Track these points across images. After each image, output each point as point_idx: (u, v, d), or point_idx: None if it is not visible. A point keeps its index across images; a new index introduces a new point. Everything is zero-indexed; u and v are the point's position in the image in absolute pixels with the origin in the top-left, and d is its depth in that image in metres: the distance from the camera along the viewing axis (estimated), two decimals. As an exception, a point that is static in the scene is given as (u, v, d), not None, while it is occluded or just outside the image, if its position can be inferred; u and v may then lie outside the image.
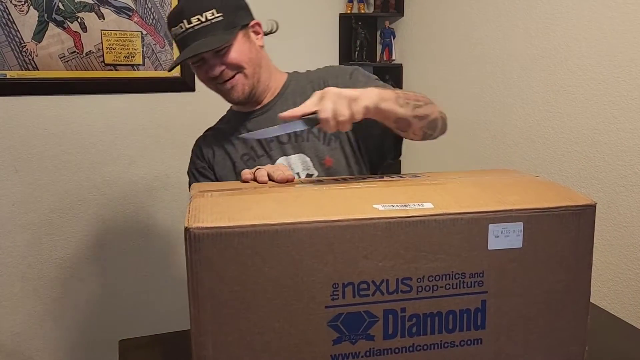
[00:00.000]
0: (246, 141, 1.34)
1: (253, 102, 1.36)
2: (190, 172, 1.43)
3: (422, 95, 1.14)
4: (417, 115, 1.07)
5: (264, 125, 1.31)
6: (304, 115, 0.94)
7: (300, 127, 0.96)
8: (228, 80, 1.27)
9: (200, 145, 1.42)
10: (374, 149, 1.33)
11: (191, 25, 1.22)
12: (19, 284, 2.26)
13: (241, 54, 1.26)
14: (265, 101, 1.36)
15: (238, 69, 1.27)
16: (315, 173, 1.29)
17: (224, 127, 1.42)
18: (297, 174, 1.29)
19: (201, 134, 1.42)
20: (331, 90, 0.94)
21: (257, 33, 1.34)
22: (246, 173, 0.98)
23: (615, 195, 1.67)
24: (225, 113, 1.48)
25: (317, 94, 0.95)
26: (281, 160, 1.30)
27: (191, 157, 1.43)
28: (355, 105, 0.93)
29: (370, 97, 0.97)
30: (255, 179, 0.96)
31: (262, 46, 1.34)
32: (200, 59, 1.26)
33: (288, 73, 1.42)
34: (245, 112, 1.38)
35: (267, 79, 1.35)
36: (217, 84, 1.28)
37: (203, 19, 1.22)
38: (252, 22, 1.32)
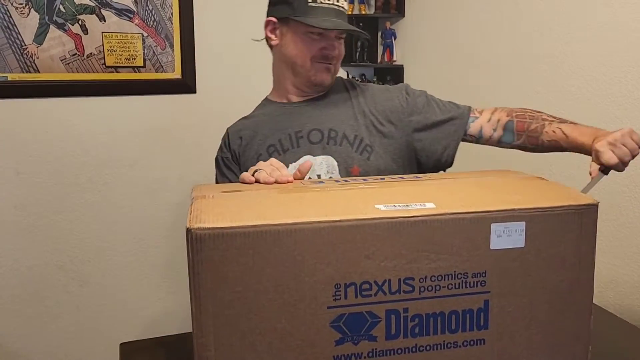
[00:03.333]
0: (275, 133, 1.34)
1: (304, 94, 1.39)
2: (217, 159, 1.44)
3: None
4: None
5: (309, 117, 1.35)
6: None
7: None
8: (331, 64, 1.33)
9: (230, 134, 1.42)
10: (433, 165, 1.37)
11: (339, 3, 1.30)
12: (20, 286, 2.26)
13: (343, 50, 1.37)
14: (312, 95, 1.39)
15: (337, 60, 1.35)
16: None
17: (260, 116, 1.42)
18: (318, 175, 1.28)
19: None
20: (611, 137, 1.10)
21: None
22: (246, 177, 0.98)
23: (618, 196, 1.67)
24: (260, 102, 1.48)
25: (606, 145, 1.10)
26: (305, 158, 1.29)
27: (220, 146, 1.44)
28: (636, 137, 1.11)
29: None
30: (257, 182, 0.97)
31: None
32: (321, 34, 1.30)
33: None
34: (287, 102, 1.40)
35: None
36: (321, 62, 1.32)
37: (345, 6, 1.33)
38: None
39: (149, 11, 2.29)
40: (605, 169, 1.13)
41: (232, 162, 1.38)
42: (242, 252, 0.71)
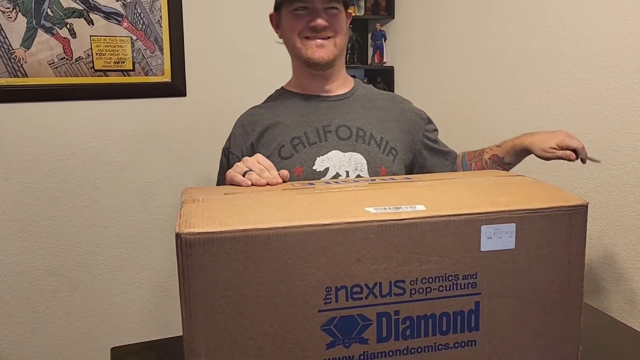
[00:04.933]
0: (300, 125, 1.33)
1: (323, 86, 1.37)
2: (224, 151, 1.40)
3: None
4: None
5: (337, 114, 1.35)
6: None
7: None
8: (322, 38, 1.30)
9: (245, 123, 1.38)
10: None
11: None
12: (10, 292, 2.24)
13: (342, 25, 1.32)
14: (339, 92, 1.39)
15: (334, 34, 1.31)
16: (367, 177, 1.30)
17: (279, 106, 1.39)
18: (347, 172, 1.29)
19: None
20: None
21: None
22: (241, 181, 0.98)
23: (607, 195, 1.68)
24: (272, 93, 1.45)
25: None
26: (334, 153, 1.29)
27: (230, 135, 1.40)
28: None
29: None
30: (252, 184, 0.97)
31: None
32: (306, 8, 1.28)
33: (352, 77, 1.48)
34: (312, 95, 1.38)
35: (342, 65, 1.40)
36: (309, 38, 1.30)
37: None
38: (350, 11, 1.39)
39: (137, 14, 2.28)
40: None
41: (235, 159, 1.32)
42: (232, 257, 0.71)
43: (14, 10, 2.10)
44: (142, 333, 2.42)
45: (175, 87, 2.38)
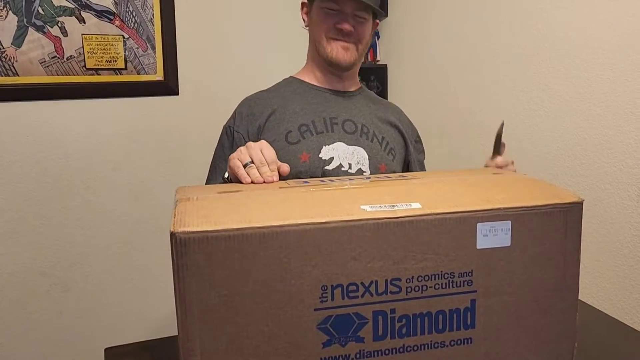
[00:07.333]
0: (308, 113, 1.35)
1: (336, 81, 1.42)
2: (227, 129, 1.38)
3: None
4: None
5: (344, 108, 1.39)
6: None
7: None
8: (347, 42, 1.34)
9: (251, 106, 1.38)
10: None
11: None
12: (1, 293, 2.22)
13: (367, 33, 1.37)
14: (351, 88, 1.45)
15: (358, 41, 1.35)
16: (368, 172, 1.33)
17: (288, 92, 1.41)
18: (349, 164, 1.32)
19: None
20: None
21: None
22: (242, 176, 0.99)
23: (601, 193, 1.68)
24: (280, 81, 1.46)
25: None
26: (339, 144, 1.32)
27: (235, 114, 1.39)
28: None
29: None
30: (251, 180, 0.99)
31: None
32: (338, 10, 1.31)
33: None
34: (322, 87, 1.42)
35: (357, 70, 1.46)
36: (335, 39, 1.34)
37: None
38: (377, 21, 1.44)
39: (129, 13, 2.26)
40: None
41: (243, 141, 1.32)
42: (228, 256, 0.70)
43: (5, 9, 2.08)
44: (135, 333, 2.41)
45: (168, 86, 2.37)
